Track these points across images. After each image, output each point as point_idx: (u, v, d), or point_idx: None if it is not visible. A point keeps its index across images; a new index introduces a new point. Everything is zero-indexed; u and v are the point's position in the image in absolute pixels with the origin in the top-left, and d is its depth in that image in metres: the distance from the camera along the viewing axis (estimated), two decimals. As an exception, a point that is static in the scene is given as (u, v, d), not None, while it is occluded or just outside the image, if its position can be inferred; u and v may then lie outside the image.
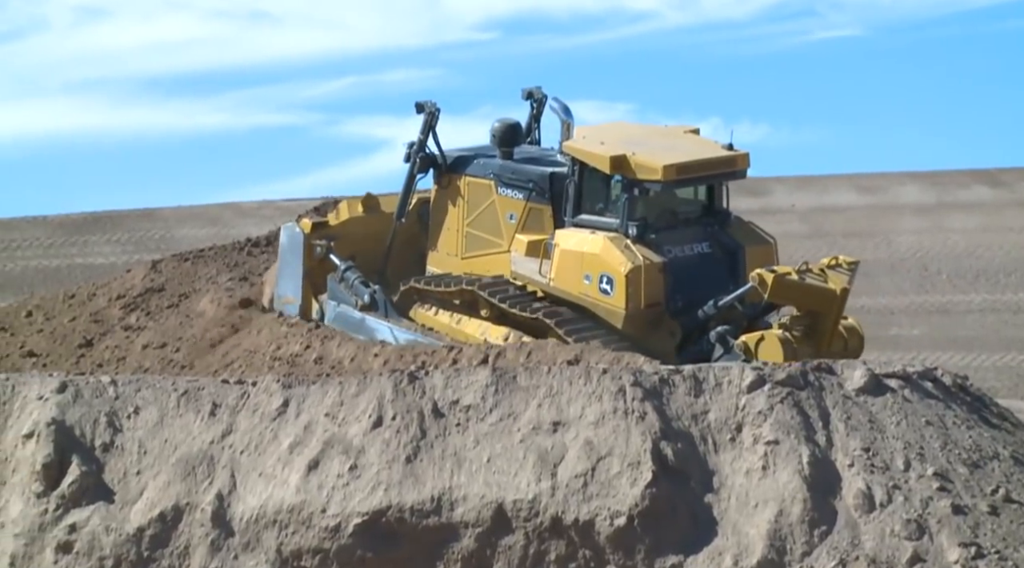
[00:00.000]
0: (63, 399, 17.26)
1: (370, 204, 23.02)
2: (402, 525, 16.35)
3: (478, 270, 21.51)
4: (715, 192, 20.84)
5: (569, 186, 20.64)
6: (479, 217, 21.75)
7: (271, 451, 16.81)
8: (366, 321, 22.11)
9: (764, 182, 34.24)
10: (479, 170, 21.75)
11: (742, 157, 20.54)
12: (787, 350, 19.16)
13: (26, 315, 24.94)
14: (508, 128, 21.90)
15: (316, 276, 22.81)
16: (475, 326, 21.22)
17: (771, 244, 20.82)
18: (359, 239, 22.72)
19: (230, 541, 16.55)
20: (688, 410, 16.70)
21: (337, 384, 17.07)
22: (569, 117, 21.94)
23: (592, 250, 20.15)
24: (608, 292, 19.88)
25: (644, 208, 20.37)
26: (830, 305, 19.42)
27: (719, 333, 19.81)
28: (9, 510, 16.90)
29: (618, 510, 16.15)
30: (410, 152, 22.21)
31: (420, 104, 22.19)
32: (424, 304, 21.84)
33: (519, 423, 16.59)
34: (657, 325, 20.09)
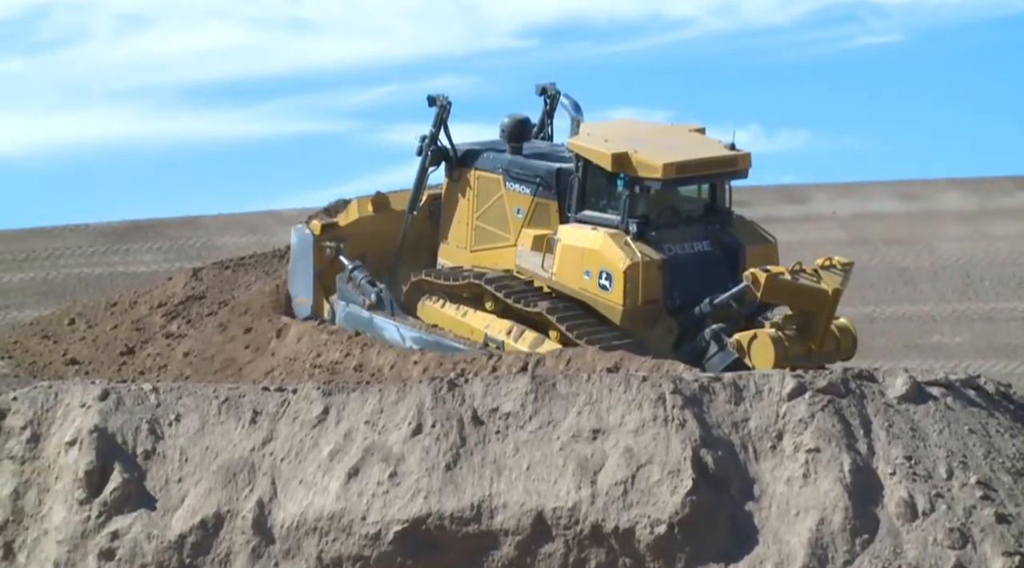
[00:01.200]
0: (105, 406, 17.34)
1: (380, 203, 23.29)
2: (442, 533, 16.35)
3: (487, 263, 21.82)
4: (717, 191, 21.02)
5: (573, 182, 20.94)
6: (488, 211, 22.07)
7: (311, 458, 16.83)
8: (374, 320, 22.41)
9: (805, 189, 34.13)
10: (488, 164, 22.10)
11: (743, 157, 20.77)
12: (779, 349, 19.36)
13: (69, 323, 25.10)
14: (517, 123, 22.22)
15: (327, 277, 23.12)
16: (480, 319, 21.52)
17: (772, 243, 21.02)
18: (370, 238, 23.01)
19: (271, 548, 16.58)
20: (728, 418, 16.65)
21: (377, 391, 17.09)
22: (579, 114, 22.49)
23: (592, 246, 20.45)
24: (607, 288, 20.15)
25: (645, 205, 20.62)
26: (822, 305, 19.55)
27: (714, 331, 20.05)
28: (52, 517, 16.99)
29: (658, 518, 16.10)
30: (422, 145, 22.49)
31: (432, 98, 22.49)
32: (432, 297, 22.17)
33: (559, 431, 16.57)
34: (655, 322, 20.34)
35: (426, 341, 21.72)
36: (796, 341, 19.63)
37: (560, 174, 21.36)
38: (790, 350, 19.47)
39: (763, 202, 32.89)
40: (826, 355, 19.89)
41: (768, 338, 19.48)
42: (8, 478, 17.27)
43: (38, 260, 28.93)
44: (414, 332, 21.90)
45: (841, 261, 20.00)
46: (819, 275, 19.67)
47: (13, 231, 30.43)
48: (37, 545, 16.99)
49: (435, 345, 21.63)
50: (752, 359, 19.50)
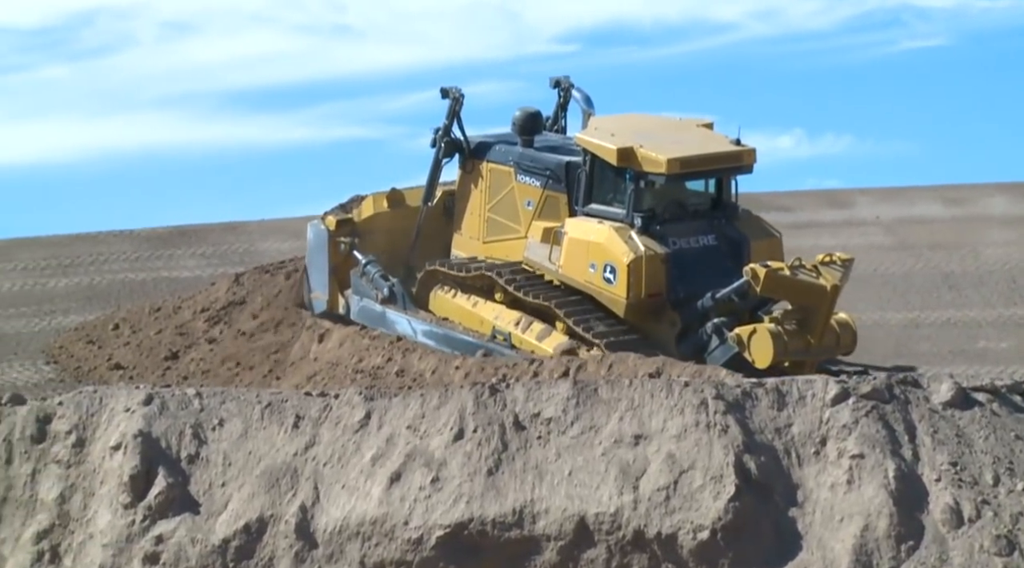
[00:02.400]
0: (149, 411, 17.42)
1: (395, 199, 23.50)
2: (484, 538, 16.35)
3: (498, 255, 22.10)
4: (723, 186, 21.14)
5: (581, 176, 21.14)
6: (499, 203, 22.32)
7: (354, 463, 16.87)
8: (386, 314, 22.69)
9: (848, 194, 33.96)
10: (500, 157, 22.35)
11: (748, 152, 20.90)
12: (778, 344, 19.53)
13: (113, 328, 25.25)
14: (528, 117, 22.45)
15: (342, 272, 23.37)
16: (490, 309, 21.78)
17: (777, 238, 21.15)
18: (384, 234, 23.26)
19: (314, 553, 16.62)
20: (771, 423, 16.59)
21: (419, 397, 17.11)
22: (590, 107, 22.76)
23: (597, 239, 20.68)
24: (611, 281, 20.38)
25: (650, 200, 20.83)
26: (821, 301, 19.66)
27: (715, 325, 20.17)
28: (97, 521, 17.08)
29: (701, 524, 16.05)
30: (436, 137, 22.71)
31: (445, 90, 22.71)
32: (444, 287, 22.44)
33: (600, 436, 16.54)
34: (658, 315, 20.52)
35: (436, 334, 22.03)
36: (795, 336, 19.80)
37: (570, 167, 21.57)
38: (789, 345, 19.62)
39: (806, 207, 32.76)
40: (825, 350, 20.06)
41: (767, 333, 19.61)
42: (54, 482, 17.38)
43: (83, 266, 29.10)
44: (425, 325, 22.19)
45: (841, 257, 20.09)
46: (819, 271, 19.79)
47: (58, 237, 30.64)
48: (83, 549, 17.08)
49: (445, 338, 21.93)
50: (752, 353, 19.67)
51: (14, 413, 17.76)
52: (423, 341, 22.20)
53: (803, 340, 19.78)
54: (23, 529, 17.29)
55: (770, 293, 19.93)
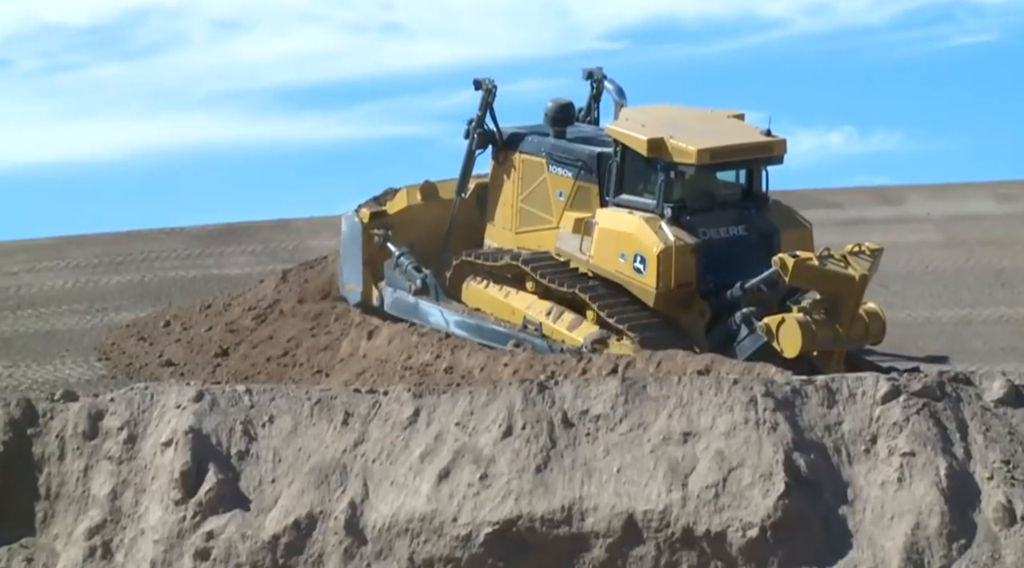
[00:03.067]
0: (200, 408, 17.51)
1: (428, 191, 23.67)
2: (532, 535, 16.35)
3: (531, 245, 22.28)
4: (754, 176, 21.19)
5: (612, 166, 21.29)
6: (532, 193, 22.49)
7: (402, 460, 16.90)
8: (419, 305, 22.91)
9: (899, 191, 33.75)
10: (533, 148, 22.53)
11: (779, 143, 20.98)
12: (806, 333, 19.57)
13: (164, 325, 25.37)
14: (560, 108, 22.64)
15: (376, 263, 23.55)
16: (521, 300, 21.99)
17: (807, 228, 21.24)
18: (418, 226, 23.41)
19: (363, 549, 16.67)
20: (821, 421, 16.51)
21: (467, 394, 17.12)
22: (622, 98, 22.90)
23: (628, 230, 20.81)
24: (641, 271, 20.53)
25: (680, 190, 20.92)
26: (849, 290, 19.67)
27: (744, 314, 20.25)
28: (149, 517, 17.18)
29: (750, 521, 16.00)
30: (469, 128, 22.90)
31: (478, 81, 22.89)
32: (476, 277, 22.64)
33: (649, 433, 16.51)
34: (688, 305, 20.64)
35: (468, 324, 22.23)
36: (824, 325, 19.79)
37: (601, 158, 21.71)
38: (818, 334, 19.64)
39: (856, 204, 32.58)
40: (854, 340, 20.10)
41: (796, 322, 19.65)
42: (106, 478, 17.49)
43: (134, 263, 29.27)
44: (457, 316, 22.40)
45: (871, 247, 20.18)
46: (847, 261, 19.85)
47: (110, 234, 30.83)
48: (134, 545, 17.19)
49: (476, 328, 22.11)
50: (780, 343, 19.73)
51: (67, 409, 17.90)
52: (455, 331, 22.42)
53: (831, 330, 19.82)
54: (75, 525, 17.42)
55: (799, 283, 19.99)
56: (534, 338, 21.59)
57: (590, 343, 21.06)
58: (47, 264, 29.08)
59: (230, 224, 31.39)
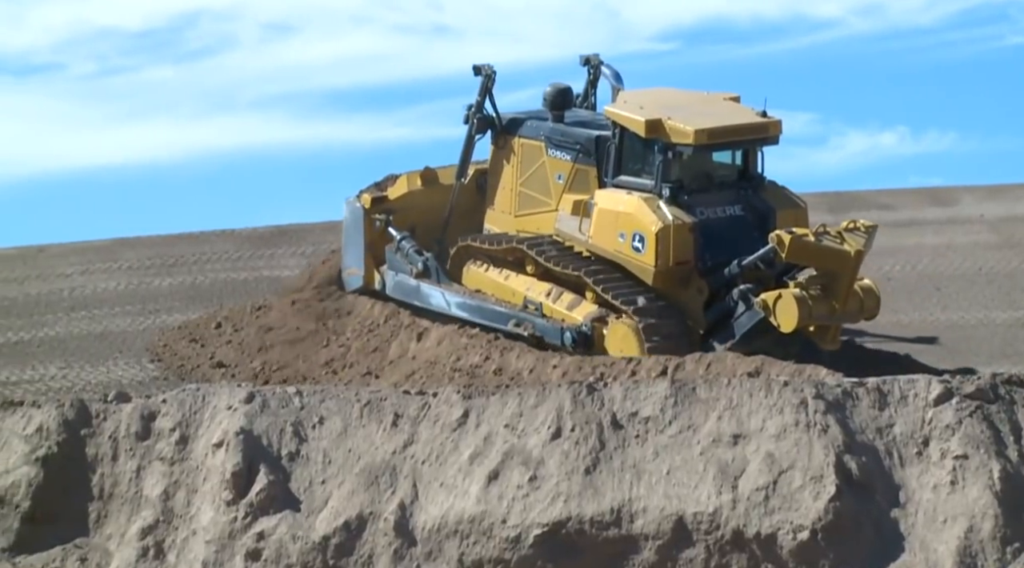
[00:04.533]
0: (251, 409, 17.59)
1: (429, 177, 23.98)
2: (582, 537, 16.33)
3: (530, 228, 22.62)
4: (750, 157, 21.49)
5: (610, 148, 21.60)
6: (531, 177, 22.81)
7: (452, 461, 16.92)
8: (421, 287, 23.21)
9: (952, 191, 33.48)
10: (531, 132, 22.88)
11: (774, 124, 21.19)
12: (803, 308, 19.89)
13: (215, 327, 25.47)
14: (559, 92, 22.96)
15: (377, 248, 23.84)
16: (521, 282, 22.29)
17: (803, 208, 21.51)
18: (418, 211, 23.66)
19: (412, 550, 16.69)
20: (872, 423, 16.41)
21: (516, 395, 17.12)
22: (619, 83, 23.15)
23: (626, 209, 21.08)
24: (640, 250, 20.83)
25: (678, 171, 21.17)
26: (845, 266, 19.96)
27: (741, 291, 20.54)
28: (200, 517, 17.27)
29: (801, 524, 15.92)
30: (469, 114, 23.25)
31: (477, 67, 23.22)
32: (476, 261, 22.94)
33: (699, 435, 16.46)
34: (686, 283, 20.88)
35: (469, 306, 22.58)
36: (820, 301, 20.07)
37: (599, 141, 21.96)
38: (814, 309, 19.97)
39: (908, 205, 32.34)
40: (850, 315, 20.44)
41: (792, 297, 19.95)
42: (158, 479, 17.60)
43: (186, 265, 29.42)
44: (459, 298, 22.73)
45: (865, 224, 20.41)
46: (843, 237, 20.10)
47: (162, 236, 31.00)
48: (186, 545, 17.28)
49: (478, 309, 22.43)
50: (777, 318, 19.99)
51: (119, 410, 18.02)
52: (456, 313, 22.72)
53: (827, 305, 20.09)
54: (128, 525, 17.53)
55: (795, 259, 20.29)
56: (534, 318, 21.92)
57: (590, 322, 21.39)
58: (100, 266, 29.28)
59: (281, 226, 31.50)
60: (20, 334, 25.78)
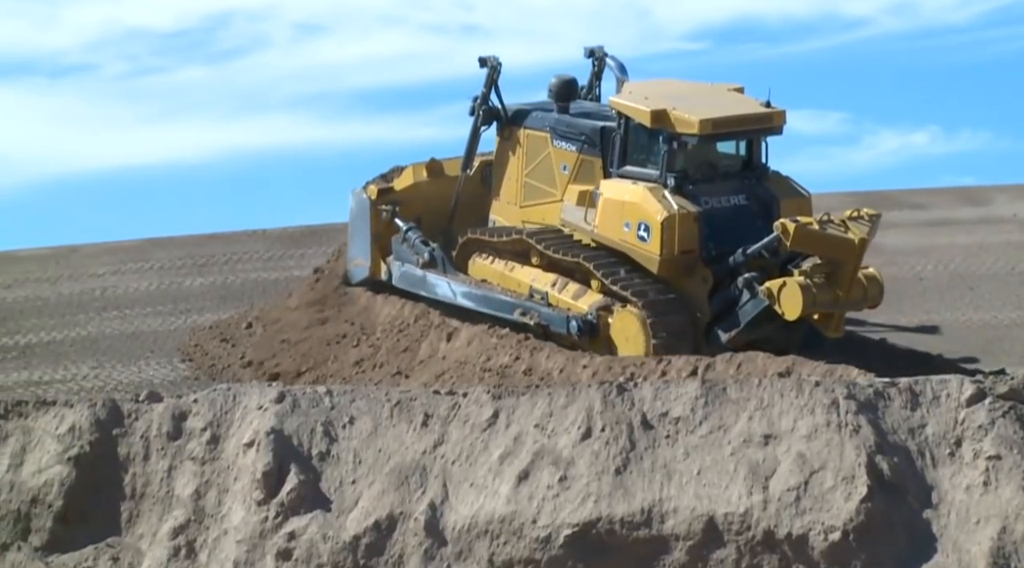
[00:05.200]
0: (281, 409, 17.63)
1: (434, 169, 24.19)
2: (612, 537, 16.31)
3: (535, 218, 22.89)
4: (753, 147, 21.67)
5: (615, 139, 21.83)
6: (536, 168, 23.04)
7: (482, 461, 16.92)
8: (427, 278, 23.42)
9: (985, 191, 33.31)
10: (537, 123, 23.11)
11: (778, 114, 21.36)
12: (807, 296, 20.07)
13: (246, 327, 25.54)
14: (564, 83, 23.22)
15: (383, 239, 24.07)
16: (526, 273, 22.52)
17: (807, 197, 21.71)
18: (424, 202, 23.91)
19: (443, 551, 16.70)
20: (904, 424, 16.34)
21: (546, 395, 17.11)
22: (624, 75, 23.44)
23: (632, 199, 21.29)
24: (645, 239, 21.03)
25: (683, 161, 21.34)
26: (849, 254, 20.14)
27: (746, 279, 20.78)
28: (231, 517, 17.32)
29: (832, 525, 15.86)
30: (474, 105, 23.44)
31: (483, 59, 23.41)
32: (482, 254, 23.15)
33: (729, 436, 16.42)
34: (691, 271, 21.07)
35: (475, 295, 22.76)
36: (824, 289, 20.25)
37: (604, 132, 22.12)
38: (818, 297, 20.15)
39: (941, 204, 32.19)
40: (853, 303, 20.61)
41: (797, 285, 20.12)
42: (189, 478, 17.65)
43: (217, 265, 29.51)
44: (464, 287, 22.93)
45: (869, 212, 20.57)
46: (847, 225, 20.25)
47: (193, 236, 31.12)
48: (217, 545, 17.33)
49: (483, 299, 22.62)
50: (781, 306, 20.17)
51: (151, 410, 18.09)
52: (462, 302, 22.90)
53: (832, 293, 20.26)
54: (160, 525, 17.59)
55: (800, 247, 20.42)
56: (540, 307, 22.09)
57: (595, 310, 21.56)
58: (132, 266, 29.40)
59: (311, 226, 31.57)
60: (53, 334, 25.91)
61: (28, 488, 17.91)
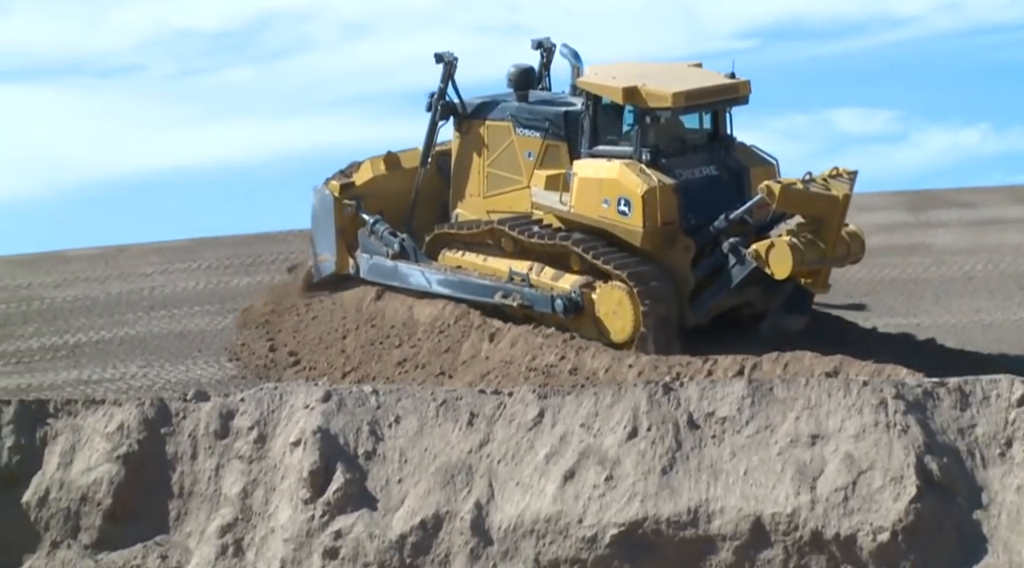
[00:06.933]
0: (328, 408, 17.68)
1: (391, 162, 24.42)
2: (658, 537, 16.27)
3: (501, 207, 23.16)
4: (719, 119, 22.21)
5: (584, 120, 22.19)
6: (499, 157, 23.28)
7: (527, 461, 16.91)
8: (399, 268, 23.60)
9: (1033, 190, 33.04)
10: (497, 113, 23.43)
11: (744, 84, 21.93)
12: (796, 255, 20.51)
13: (293, 324, 25.56)
14: (523, 72, 23.60)
15: (348, 233, 24.28)
16: (501, 262, 22.75)
17: (773, 165, 22.04)
18: (384, 195, 24.13)
19: (489, 550, 16.71)
20: (954, 424, 16.22)
21: (592, 395, 17.09)
22: (579, 62, 23.67)
23: (609, 176, 21.59)
24: (626, 213, 21.37)
25: (655, 135, 21.74)
26: (834, 211, 20.62)
27: (731, 244, 21.17)
28: (279, 516, 17.38)
29: (881, 525, 15.77)
30: (431, 101, 23.76)
31: (439, 55, 23.79)
32: (451, 248, 23.38)
33: (776, 436, 16.34)
34: (672, 242, 21.46)
35: (452, 282, 22.98)
36: (811, 246, 20.64)
37: (568, 117, 22.52)
38: (806, 255, 20.56)
39: (991, 203, 31.93)
40: (838, 259, 21.09)
41: (785, 245, 20.53)
42: (237, 477, 17.73)
43: (264, 264, 29.60)
44: (439, 275, 23.15)
45: (847, 170, 20.98)
46: (828, 183, 20.72)
47: (240, 236, 31.24)
48: (264, 543, 17.40)
49: (461, 284, 22.84)
50: (771, 266, 20.60)
51: (199, 409, 18.18)
52: (438, 290, 23.08)
53: (818, 250, 20.66)
54: (208, 523, 17.68)
55: (786, 207, 20.87)
56: (522, 288, 22.35)
57: (578, 288, 21.81)
58: (179, 266, 29.54)
59: (357, 226, 31.54)
60: (101, 333, 26.07)
61: (77, 486, 18.04)
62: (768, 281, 21.05)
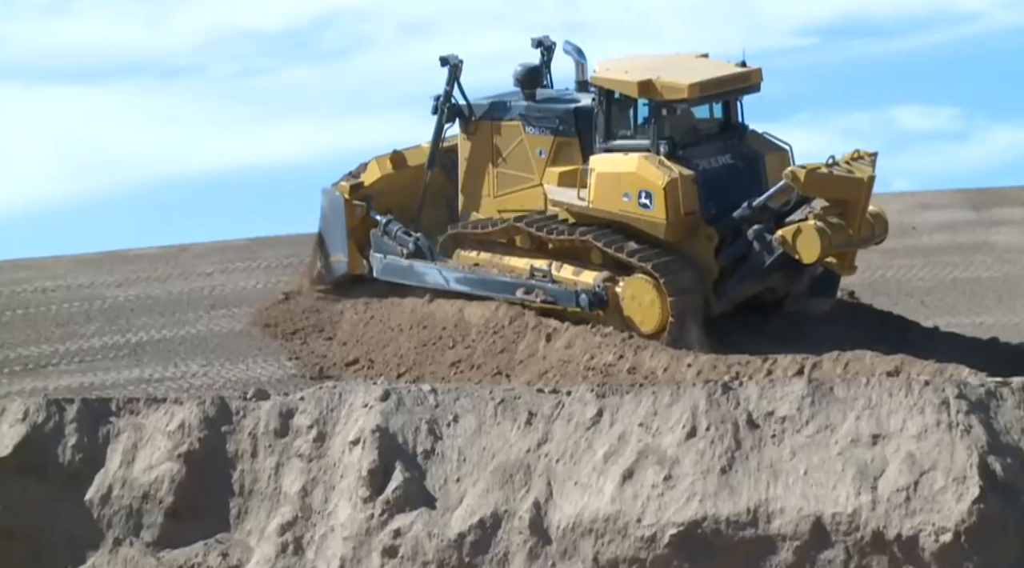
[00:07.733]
0: (386, 407, 17.73)
1: (398, 160, 24.40)
2: (718, 537, 16.20)
3: (512, 206, 23.13)
4: (731, 108, 22.28)
5: (597, 116, 22.09)
6: (509, 156, 23.25)
7: (586, 460, 16.89)
8: (414, 267, 23.55)
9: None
10: (506, 113, 23.40)
11: (755, 72, 21.96)
12: (823, 239, 20.57)
13: (356, 324, 25.63)
14: (530, 71, 23.61)
15: (360, 234, 24.25)
16: (517, 260, 22.73)
17: (787, 151, 22.09)
18: (392, 194, 24.11)
19: (547, 549, 16.70)
20: (1017, 424, 16.06)
21: (651, 394, 17.04)
22: (583, 58, 23.72)
23: (628, 169, 21.60)
24: (648, 205, 21.40)
25: (671, 127, 21.81)
26: (859, 193, 20.70)
27: (756, 231, 21.22)
28: (338, 514, 17.45)
29: (943, 526, 15.63)
30: (437, 104, 23.72)
31: (444, 58, 23.71)
32: (465, 248, 23.35)
33: (837, 435, 16.23)
34: (695, 232, 21.55)
35: (471, 279, 22.93)
36: (838, 229, 20.71)
37: (578, 113, 22.56)
38: (833, 238, 20.64)
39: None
40: (864, 241, 21.16)
41: (813, 229, 20.61)
42: (296, 476, 17.82)
43: (324, 265, 29.71)
44: (457, 272, 23.09)
45: (867, 153, 20.99)
46: (852, 166, 20.77)
47: (301, 235, 31.29)
48: (324, 542, 17.48)
49: (480, 282, 22.79)
50: (799, 251, 20.69)
51: (258, 408, 18.28)
52: (456, 287, 23.03)
53: (844, 233, 20.73)
54: (268, 521, 17.77)
55: (811, 191, 20.97)
56: (545, 284, 22.33)
57: (601, 282, 21.84)
58: (240, 265, 29.67)
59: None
60: (163, 332, 26.22)
61: (139, 484, 18.19)
62: (791, 266, 21.16)
